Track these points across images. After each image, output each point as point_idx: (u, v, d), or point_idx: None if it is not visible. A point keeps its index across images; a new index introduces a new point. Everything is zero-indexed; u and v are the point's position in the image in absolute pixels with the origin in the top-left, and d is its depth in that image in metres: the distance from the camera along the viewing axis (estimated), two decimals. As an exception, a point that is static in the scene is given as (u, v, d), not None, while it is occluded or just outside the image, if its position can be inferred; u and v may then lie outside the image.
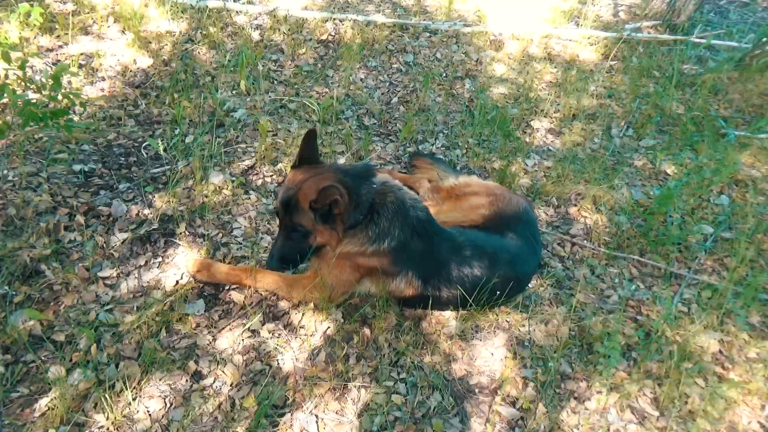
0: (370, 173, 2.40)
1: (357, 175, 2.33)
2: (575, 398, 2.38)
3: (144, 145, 3.18)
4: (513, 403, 2.33)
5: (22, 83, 2.56)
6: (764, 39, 4.84)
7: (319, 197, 2.12)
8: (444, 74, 4.45)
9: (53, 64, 3.53)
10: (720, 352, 2.69)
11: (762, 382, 2.54)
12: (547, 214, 3.35)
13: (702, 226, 3.41)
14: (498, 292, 2.48)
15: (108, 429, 1.96)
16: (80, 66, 3.58)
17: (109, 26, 3.98)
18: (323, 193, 2.11)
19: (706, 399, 2.40)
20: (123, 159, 3.09)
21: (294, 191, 2.21)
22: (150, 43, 3.92)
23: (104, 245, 2.58)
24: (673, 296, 2.93)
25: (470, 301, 2.46)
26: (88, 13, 4.00)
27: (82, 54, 3.70)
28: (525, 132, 4.00)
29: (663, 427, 2.33)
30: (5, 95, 2.36)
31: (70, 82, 3.42)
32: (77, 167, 2.92)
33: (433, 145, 3.71)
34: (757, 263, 3.19)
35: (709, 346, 2.67)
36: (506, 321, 2.65)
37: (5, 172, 2.74)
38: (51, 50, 3.65)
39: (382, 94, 4.10)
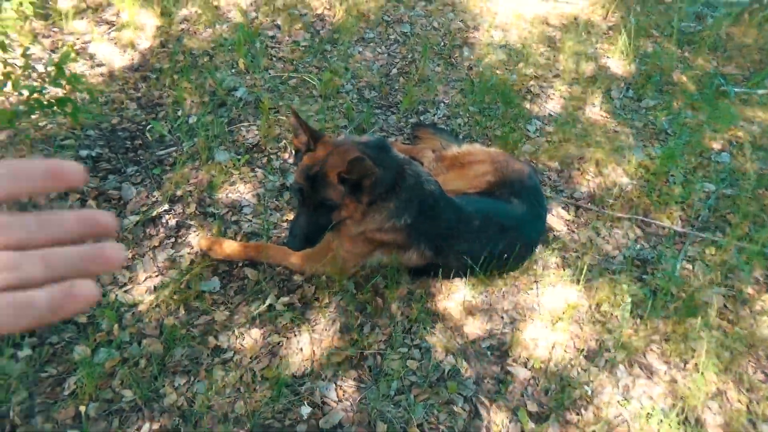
0: (387, 147, 2.40)
1: (376, 148, 2.32)
2: (585, 357, 2.46)
3: (148, 127, 3.19)
4: (525, 364, 2.40)
5: (25, 72, 2.56)
6: (763, -7, 4.79)
7: (349, 168, 2.08)
8: (442, 43, 4.42)
9: (51, 51, 3.52)
10: (725, 306, 2.75)
11: (767, 333, 2.61)
12: (550, 179, 3.38)
13: (704, 183, 3.44)
14: (506, 258, 2.53)
15: (136, 403, 2.04)
16: (78, 52, 3.57)
17: (104, 11, 3.95)
18: (353, 164, 2.06)
19: (711, 352, 2.47)
20: (128, 143, 3.11)
21: (320, 166, 2.17)
22: (146, 26, 3.89)
23: (118, 228, 2.63)
24: (678, 254, 2.98)
25: (477, 269, 2.52)
26: (82, -3, 3.97)
27: (78, 39, 3.68)
28: (525, 98, 4.00)
29: (670, 380, 2.41)
30: (8, 85, 2.38)
31: (70, 69, 3.41)
32: (84, 153, 2.94)
33: (434, 115, 3.72)
34: (759, 218, 3.23)
35: (714, 302, 2.74)
36: (514, 285, 2.71)
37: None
38: (47, 37, 3.64)
39: (381, 66, 4.09)
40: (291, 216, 2.85)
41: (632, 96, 4.18)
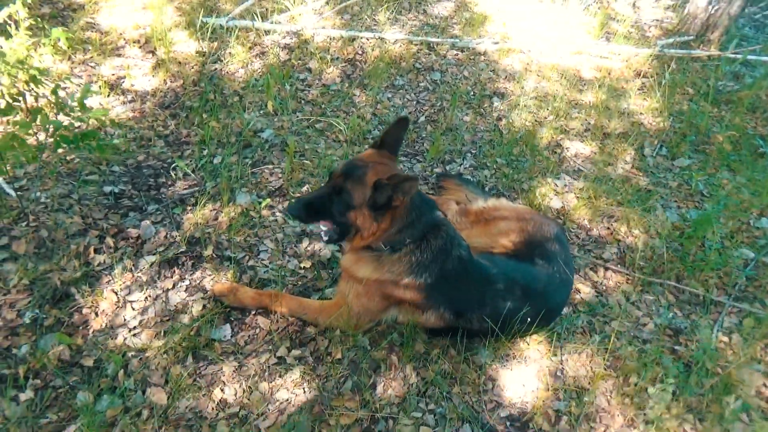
0: (433, 204, 2.41)
1: (424, 199, 2.35)
2: (611, 434, 2.29)
3: (173, 166, 3.19)
4: (546, 438, 2.24)
5: (55, 107, 2.59)
6: (804, 54, 4.68)
7: (390, 180, 2.07)
8: (471, 92, 4.40)
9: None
10: (765, 385, 2.56)
11: (811, 420, 2.41)
12: (578, 237, 3.26)
13: (742, 250, 3.28)
14: (529, 321, 2.40)
15: (134, 459, 1.95)
16: (111, 87, 3.63)
17: (140, 47, 4.05)
18: (395, 177, 2.07)
19: (750, 437, 2.28)
20: (152, 180, 3.11)
21: (365, 165, 2.19)
22: (180, 63, 3.96)
23: (133, 268, 2.59)
24: (713, 325, 2.81)
25: (500, 333, 2.39)
26: (120, 34, 4.08)
27: (113, 75, 3.76)
28: (555, 152, 3.92)
29: (705, 466, 2.22)
30: (38, 119, 2.40)
31: (100, 104, 3.47)
32: (108, 188, 2.95)
33: (461, 165, 3.66)
34: (802, 291, 3.05)
35: (753, 380, 2.55)
36: (537, 350, 2.57)
37: (38, 194, 2.78)
38: (84, 72, 3.72)
39: (410, 113, 4.07)
40: (308, 264, 2.79)
41: (665, 154, 4.07)
